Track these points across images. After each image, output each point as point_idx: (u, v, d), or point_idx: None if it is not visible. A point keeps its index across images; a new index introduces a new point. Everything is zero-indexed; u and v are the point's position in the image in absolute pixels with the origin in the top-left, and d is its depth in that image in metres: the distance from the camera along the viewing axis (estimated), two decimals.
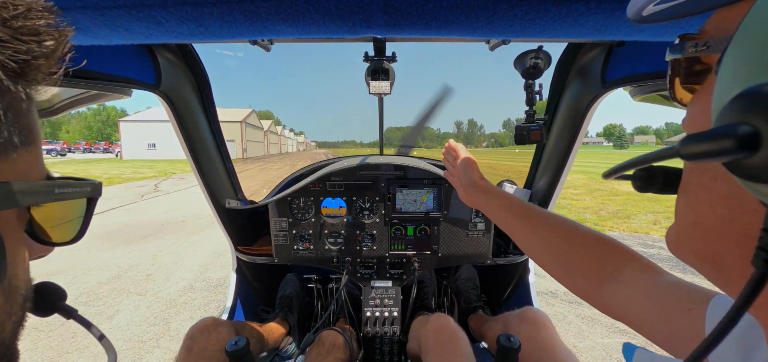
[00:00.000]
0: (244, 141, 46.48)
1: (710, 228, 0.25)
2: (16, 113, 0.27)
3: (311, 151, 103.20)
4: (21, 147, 0.28)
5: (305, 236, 1.39)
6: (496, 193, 0.80)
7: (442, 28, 0.58)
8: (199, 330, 1.06)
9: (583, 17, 0.53)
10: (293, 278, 1.76)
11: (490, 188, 0.82)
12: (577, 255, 0.60)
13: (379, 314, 1.41)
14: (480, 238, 1.38)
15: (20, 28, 0.26)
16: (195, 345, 1.02)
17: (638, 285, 0.50)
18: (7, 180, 0.27)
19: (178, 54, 1.06)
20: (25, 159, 0.29)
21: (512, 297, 1.67)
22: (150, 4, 0.49)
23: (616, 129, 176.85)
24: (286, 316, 1.55)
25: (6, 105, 0.26)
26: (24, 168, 0.29)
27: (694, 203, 0.27)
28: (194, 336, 1.05)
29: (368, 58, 0.97)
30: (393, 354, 1.42)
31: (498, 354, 0.92)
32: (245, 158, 42.77)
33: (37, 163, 0.32)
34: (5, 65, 0.25)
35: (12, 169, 0.28)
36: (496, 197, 0.79)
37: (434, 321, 1.06)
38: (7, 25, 0.26)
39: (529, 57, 0.88)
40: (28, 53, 0.27)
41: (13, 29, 0.26)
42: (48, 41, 0.28)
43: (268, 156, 56.16)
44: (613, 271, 0.54)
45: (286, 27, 0.57)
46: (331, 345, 1.19)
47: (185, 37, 0.60)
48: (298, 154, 68.27)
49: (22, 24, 0.26)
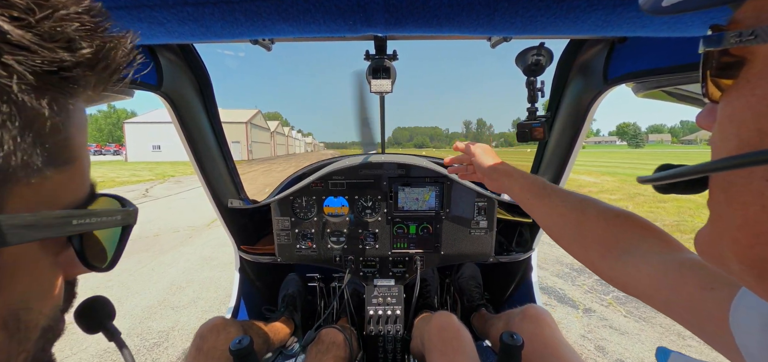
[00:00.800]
0: (249, 142, 46.25)
1: (761, 233, 0.23)
2: (38, 133, 0.24)
3: (319, 152, 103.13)
4: (47, 169, 0.25)
5: (308, 235, 1.39)
6: (517, 175, 0.81)
7: (442, 26, 0.58)
8: (208, 330, 1.07)
9: (585, 13, 0.53)
10: (295, 277, 1.76)
11: (512, 171, 0.84)
12: (593, 229, 0.60)
13: (382, 312, 1.41)
14: (482, 236, 1.38)
15: (47, 34, 0.22)
16: (205, 344, 1.04)
17: (654, 258, 0.49)
18: (27, 207, 0.24)
19: (179, 54, 1.06)
20: (53, 181, 0.26)
21: (515, 294, 1.67)
22: (151, 4, 0.49)
23: (630, 128, 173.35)
24: (291, 315, 1.55)
25: (24, 124, 0.22)
26: (51, 191, 0.26)
27: (740, 204, 0.25)
28: (204, 335, 1.06)
29: (369, 56, 0.97)
30: (396, 353, 1.43)
31: (501, 352, 0.92)
32: (251, 159, 42.48)
33: (72, 183, 0.28)
34: (23, 77, 0.22)
35: (33, 194, 0.24)
36: (517, 179, 0.80)
37: (437, 319, 1.06)
38: (32, 29, 0.22)
39: (531, 54, 0.88)
40: (54, 63, 0.23)
41: (39, 34, 0.22)
42: (84, 49, 0.24)
43: (275, 157, 55.78)
44: (629, 246, 0.53)
45: (286, 26, 0.57)
46: (331, 342, 1.19)
47: (186, 37, 0.60)
48: (306, 155, 67.80)
49: (49, 28, 0.23)
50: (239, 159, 39.95)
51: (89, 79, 0.26)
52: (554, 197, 0.70)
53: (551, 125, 1.24)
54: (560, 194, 0.70)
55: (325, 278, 1.69)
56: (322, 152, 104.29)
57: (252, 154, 46.55)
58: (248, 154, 45.05)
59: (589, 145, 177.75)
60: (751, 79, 0.24)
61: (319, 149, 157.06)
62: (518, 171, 0.82)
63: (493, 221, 1.37)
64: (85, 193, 0.30)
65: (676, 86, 0.82)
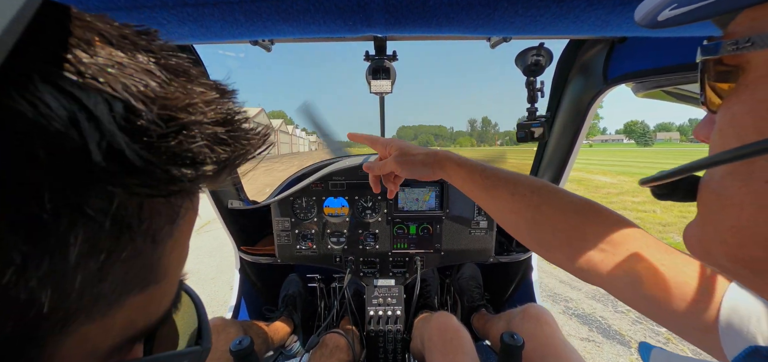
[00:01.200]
0: None
1: (758, 233, 0.24)
2: (126, 259, 0.17)
3: (323, 150, 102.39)
4: (124, 296, 0.19)
5: (308, 235, 1.39)
6: (459, 161, 0.67)
7: (442, 26, 0.58)
8: None
9: (585, 13, 0.53)
10: (295, 278, 1.76)
11: (453, 157, 0.69)
12: (552, 230, 0.54)
13: (382, 313, 1.41)
14: (482, 236, 1.38)
15: (168, 151, 0.17)
16: None
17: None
18: (80, 348, 0.18)
19: None
20: (130, 305, 0.19)
21: (515, 295, 1.67)
22: (150, 5, 0.49)
23: (638, 126, 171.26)
24: (291, 315, 1.56)
25: (108, 254, 0.16)
26: (125, 315, 0.19)
27: (735, 205, 0.25)
28: None
29: (369, 57, 0.97)
30: (396, 353, 1.43)
31: (501, 352, 0.92)
32: None
33: (154, 303, 0.22)
34: (123, 206, 0.16)
35: (97, 328, 0.18)
36: (459, 166, 0.67)
37: (437, 319, 1.06)
38: (149, 148, 0.16)
39: (531, 54, 0.88)
40: (168, 185, 0.17)
41: (157, 154, 0.16)
42: (208, 166, 0.18)
43: (279, 156, 55.03)
44: (595, 244, 0.51)
45: (286, 27, 0.57)
46: (334, 347, 1.20)
47: (186, 38, 0.60)
48: (310, 154, 67.07)
49: (173, 145, 0.17)
50: None
51: (204, 186, 0.20)
52: (501, 188, 0.60)
53: (551, 125, 1.24)
54: (508, 185, 0.60)
55: (325, 278, 1.69)
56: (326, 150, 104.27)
57: None
58: None
59: (595, 143, 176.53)
60: (750, 84, 0.25)
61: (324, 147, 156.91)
62: (458, 157, 0.68)
63: (493, 221, 1.36)
64: (167, 306, 0.24)
65: (676, 86, 0.82)
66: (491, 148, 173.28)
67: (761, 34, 0.23)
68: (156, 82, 0.17)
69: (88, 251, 0.15)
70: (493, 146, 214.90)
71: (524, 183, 0.59)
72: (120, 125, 0.15)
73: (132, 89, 0.16)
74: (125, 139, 0.15)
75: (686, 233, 0.32)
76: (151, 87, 0.17)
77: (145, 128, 0.16)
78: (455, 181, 0.68)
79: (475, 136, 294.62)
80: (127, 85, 0.16)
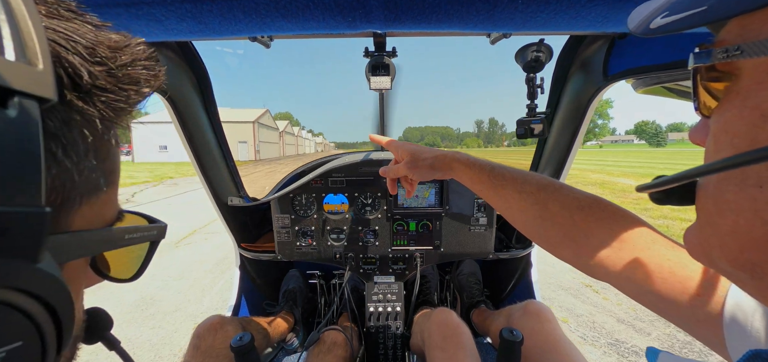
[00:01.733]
0: (256, 142, 44.59)
1: (755, 238, 0.24)
2: (103, 158, 0.28)
3: (329, 152, 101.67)
4: (103, 189, 0.28)
5: (308, 232, 1.39)
6: (467, 162, 0.69)
7: (442, 22, 0.57)
8: (206, 329, 1.07)
9: (585, 9, 0.53)
10: (296, 273, 1.77)
11: (461, 157, 0.71)
12: (558, 225, 0.55)
13: (382, 309, 1.41)
14: (482, 233, 1.38)
15: (123, 78, 0.26)
16: (202, 344, 1.04)
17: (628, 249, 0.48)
18: (88, 224, 0.27)
19: (178, 52, 1.06)
20: (103, 200, 0.29)
21: (515, 291, 1.67)
22: (149, 2, 0.49)
23: (650, 126, 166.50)
24: (291, 309, 1.56)
25: (96, 151, 0.26)
26: (101, 210, 0.29)
27: (732, 210, 0.26)
28: (201, 334, 1.06)
29: (368, 53, 0.97)
30: (396, 349, 1.43)
31: (501, 348, 0.92)
32: (258, 159, 40.78)
33: (112, 202, 0.32)
34: (103, 114, 0.25)
35: (91, 212, 0.28)
36: (467, 167, 0.69)
37: (437, 315, 1.06)
38: (112, 74, 0.25)
39: (531, 50, 0.88)
40: (126, 101, 0.27)
41: (117, 78, 0.26)
42: (145, 89, 0.28)
43: (284, 157, 54.03)
44: (600, 238, 0.51)
45: (285, 23, 0.57)
46: (332, 343, 1.20)
47: (185, 34, 0.60)
48: (315, 155, 66.36)
49: (126, 73, 0.26)
50: (247, 159, 39.10)
51: (134, 113, 0.30)
52: (509, 187, 0.62)
53: (551, 122, 1.24)
54: (516, 183, 0.61)
55: (325, 275, 1.70)
56: (332, 151, 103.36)
57: (260, 154, 45.17)
58: (256, 154, 43.63)
59: (605, 144, 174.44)
60: (741, 91, 0.25)
61: (330, 148, 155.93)
62: (467, 158, 0.71)
63: (493, 217, 1.37)
64: (117, 209, 0.33)
65: (676, 82, 0.82)
66: (498, 149, 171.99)
67: (750, 42, 0.24)
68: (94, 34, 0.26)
69: (90, 146, 0.25)
70: (500, 147, 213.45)
71: (531, 181, 0.60)
72: (94, 61, 0.24)
73: (88, 36, 0.25)
74: (98, 69, 0.24)
75: (687, 236, 0.32)
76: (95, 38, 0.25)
77: (105, 62, 0.25)
78: (464, 181, 0.70)
79: (482, 137, 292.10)
80: (86, 36, 0.25)
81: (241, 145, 42.65)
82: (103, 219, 0.30)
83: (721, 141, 0.27)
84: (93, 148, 0.25)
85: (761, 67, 0.24)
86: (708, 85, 0.28)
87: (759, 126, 0.23)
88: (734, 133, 0.25)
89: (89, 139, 0.25)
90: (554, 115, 1.22)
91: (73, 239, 0.25)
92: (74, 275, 0.29)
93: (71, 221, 0.26)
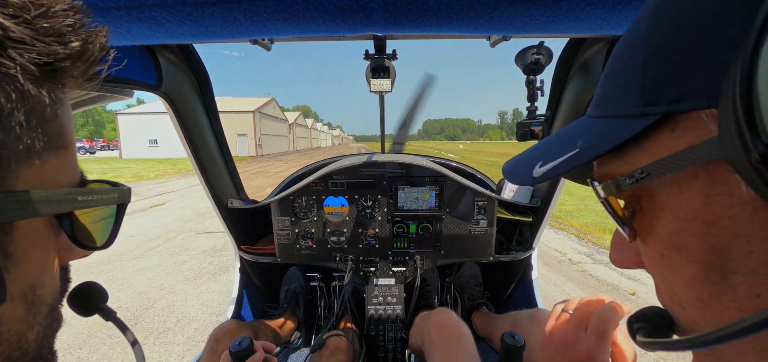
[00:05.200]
0: (257, 135, 37.85)
1: None
2: (40, 118, 0.26)
3: (347, 145, 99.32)
4: (46, 153, 0.27)
5: (308, 234, 1.39)
6: None
7: (442, 25, 0.58)
8: (223, 333, 1.10)
9: (585, 12, 0.53)
10: (297, 272, 1.77)
11: None
12: None
13: (382, 312, 1.41)
14: (482, 235, 1.38)
15: (42, 29, 0.25)
16: (219, 347, 1.07)
17: None
18: (29, 188, 0.26)
19: (179, 54, 1.06)
20: (51, 164, 0.28)
21: (515, 294, 1.67)
22: (150, 5, 0.49)
23: None
24: (294, 311, 1.57)
25: (28, 110, 0.25)
26: (50, 174, 0.28)
27: None
28: (218, 337, 1.09)
29: (368, 56, 0.97)
30: (396, 352, 1.43)
31: (502, 352, 0.92)
32: (261, 155, 35.34)
33: (67, 167, 0.31)
34: (25, 68, 0.24)
35: (36, 175, 0.27)
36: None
37: (437, 315, 1.06)
38: (29, 25, 0.24)
39: (531, 53, 0.88)
40: (51, 55, 0.25)
41: (35, 30, 0.25)
42: (74, 42, 0.27)
43: (293, 152, 47.60)
44: None
45: (286, 26, 0.57)
46: (334, 348, 1.21)
47: (186, 37, 0.60)
48: (330, 149, 62.04)
49: (44, 24, 0.25)
50: (246, 155, 34.40)
51: (77, 69, 0.28)
52: None
53: (551, 124, 1.24)
54: None
55: (325, 277, 1.70)
56: (350, 145, 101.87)
57: (262, 149, 38.80)
58: (257, 149, 37.52)
59: None
60: (665, 206, 0.26)
61: (348, 141, 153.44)
62: None
63: (493, 220, 1.37)
64: (77, 178, 0.33)
65: None
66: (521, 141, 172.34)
67: (648, 165, 0.25)
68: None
69: (15, 104, 0.24)
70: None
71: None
72: (6, 13, 0.23)
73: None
74: (10, 21, 0.23)
75: None
76: None
77: (19, 13, 0.24)
78: None
79: (505, 129, 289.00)
80: None
81: (240, 138, 36.37)
82: (55, 184, 0.29)
83: (677, 259, 0.26)
84: (22, 108, 0.24)
85: (671, 181, 0.24)
86: (627, 210, 0.30)
87: (710, 234, 0.23)
88: (688, 248, 0.25)
89: (13, 97, 0.24)
90: (554, 117, 1.23)
91: (11, 199, 0.24)
92: (36, 239, 0.28)
93: (11, 182, 0.25)
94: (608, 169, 0.30)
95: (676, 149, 0.23)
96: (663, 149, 0.24)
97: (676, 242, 0.26)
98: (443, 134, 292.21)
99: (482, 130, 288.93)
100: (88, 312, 0.43)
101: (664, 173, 0.24)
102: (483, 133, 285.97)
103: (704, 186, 0.23)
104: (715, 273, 0.23)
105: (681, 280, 0.26)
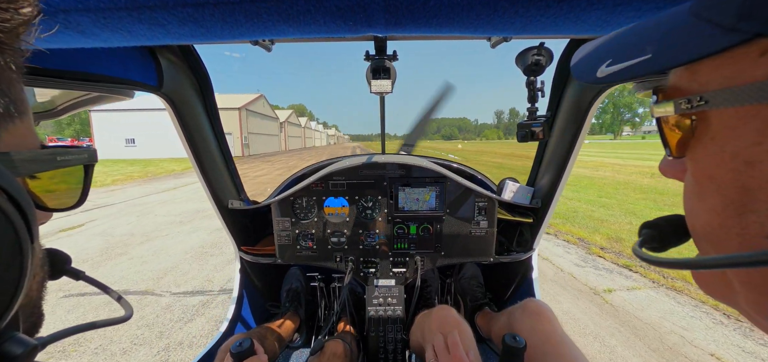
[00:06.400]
0: (243, 134, 36.10)
1: None
2: (9, 84, 0.27)
3: (342, 145, 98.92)
4: (17, 117, 0.29)
5: (308, 235, 1.39)
6: None
7: (442, 26, 0.58)
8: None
9: (585, 13, 0.53)
10: (297, 271, 1.77)
11: None
12: None
13: (382, 313, 1.41)
14: (483, 236, 1.38)
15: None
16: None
17: None
18: (9, 150, 0.28)
19: (179, 55, 1.06)
20: (21, 129, 0.29)
21: (516, 295, 1.67)
22: (151, 6, 0.49)
23: None
24: (296, 310, 1.57)
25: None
26: (22, 138, 0.30)
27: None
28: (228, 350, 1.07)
29: (369, 57, 0.97)
30: (397, 353, 1.43)
31: (503, 354, 0.91)
32: (248, 155, 34.03)
33: (32, 133, 0.32)
34: None
35: (12, 140, 0.28)
36: None
37: (437, 312, 1.06)
38: None
39: (531, 54, 0.88)
40: (7, 22, 0.26)
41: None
42: (25, 7, 0.27)
43: (284, 152, 45.90)
44: None
45: (286, 27, 0.57)
46: (332, 353, 1.21)
47: (186, 38, 0.60)
48: (324, 149, 59.52)
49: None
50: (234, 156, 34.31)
51: (24, 36, 0.29)
52: None
53: (551, 125, 1.24)
54: None
55: (325, 278, 1.70)
56: (346, 144, 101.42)
57: (248, 149, 37.25)
58: (243, 149, 35.50)
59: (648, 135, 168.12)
60: (716, 137, 0.25)
61: (344, 140, 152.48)
62: None
63: (494, 221, 1.36)
64: (40, 142, 0.34)
65: None
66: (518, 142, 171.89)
67: (712, 92, 0.24)
68: None
69: None
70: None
71: None
72: None
73: None
74: None
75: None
76: None
77: None
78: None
79: (501, 128, 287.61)
80: None
81: (226, 137, 34.13)
82: (27, 147, 0.30)
83: (706, 187, 0.27)
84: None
85: (730, 114, 0.24)
86: (676, 131, 0.29)
87: (745, 173, 0.23)
88: (719, 181, 0.25)
89: None
90: (555, 118, 1.23)
91: (3, 158, 0.26)
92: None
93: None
94: (675, 80, 0.28)
95: (756, 79, 0.22)
96: (741, 75, 0.23)
97: (712, 173, 0.26)
98: (439, 134, 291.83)
99: (479, 129, 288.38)
100: (57, 274, 0.45)
101: (733, 104, 0.23)
102: (479, 132, 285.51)
103: (761, 126, 0.22)
104: (733, 209, 0.24)
105: (702, 206, 0.27)
